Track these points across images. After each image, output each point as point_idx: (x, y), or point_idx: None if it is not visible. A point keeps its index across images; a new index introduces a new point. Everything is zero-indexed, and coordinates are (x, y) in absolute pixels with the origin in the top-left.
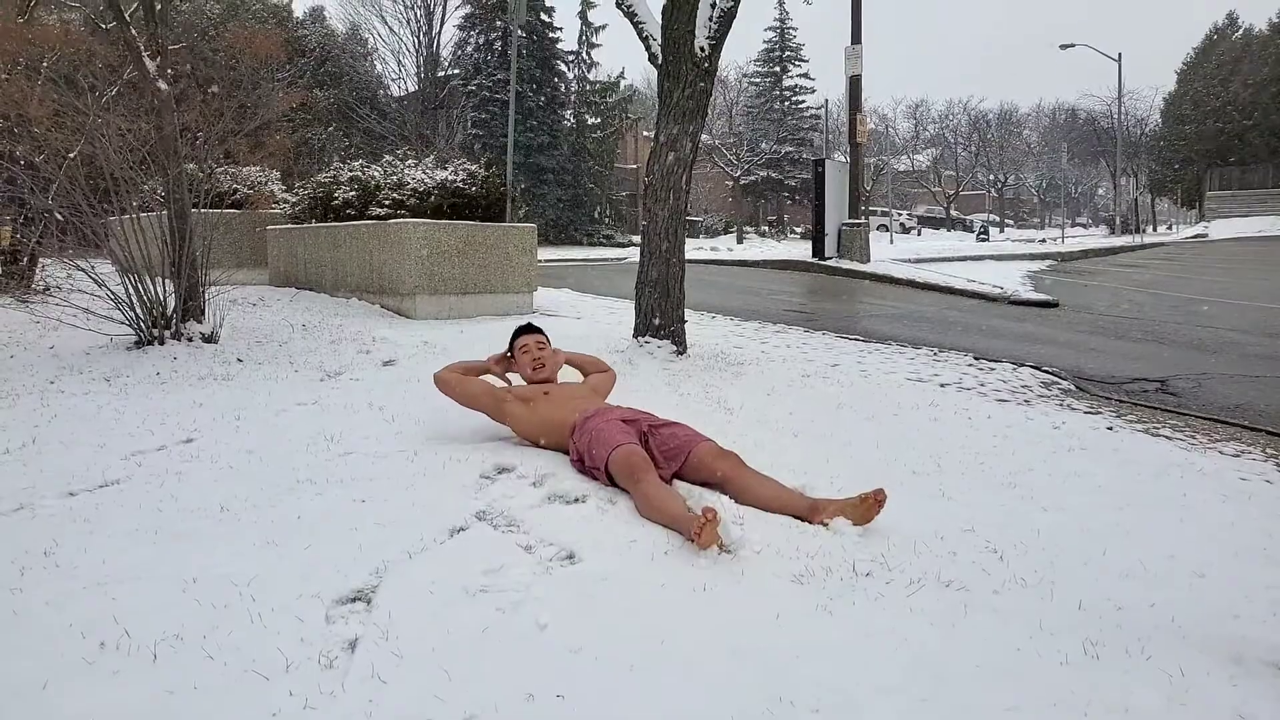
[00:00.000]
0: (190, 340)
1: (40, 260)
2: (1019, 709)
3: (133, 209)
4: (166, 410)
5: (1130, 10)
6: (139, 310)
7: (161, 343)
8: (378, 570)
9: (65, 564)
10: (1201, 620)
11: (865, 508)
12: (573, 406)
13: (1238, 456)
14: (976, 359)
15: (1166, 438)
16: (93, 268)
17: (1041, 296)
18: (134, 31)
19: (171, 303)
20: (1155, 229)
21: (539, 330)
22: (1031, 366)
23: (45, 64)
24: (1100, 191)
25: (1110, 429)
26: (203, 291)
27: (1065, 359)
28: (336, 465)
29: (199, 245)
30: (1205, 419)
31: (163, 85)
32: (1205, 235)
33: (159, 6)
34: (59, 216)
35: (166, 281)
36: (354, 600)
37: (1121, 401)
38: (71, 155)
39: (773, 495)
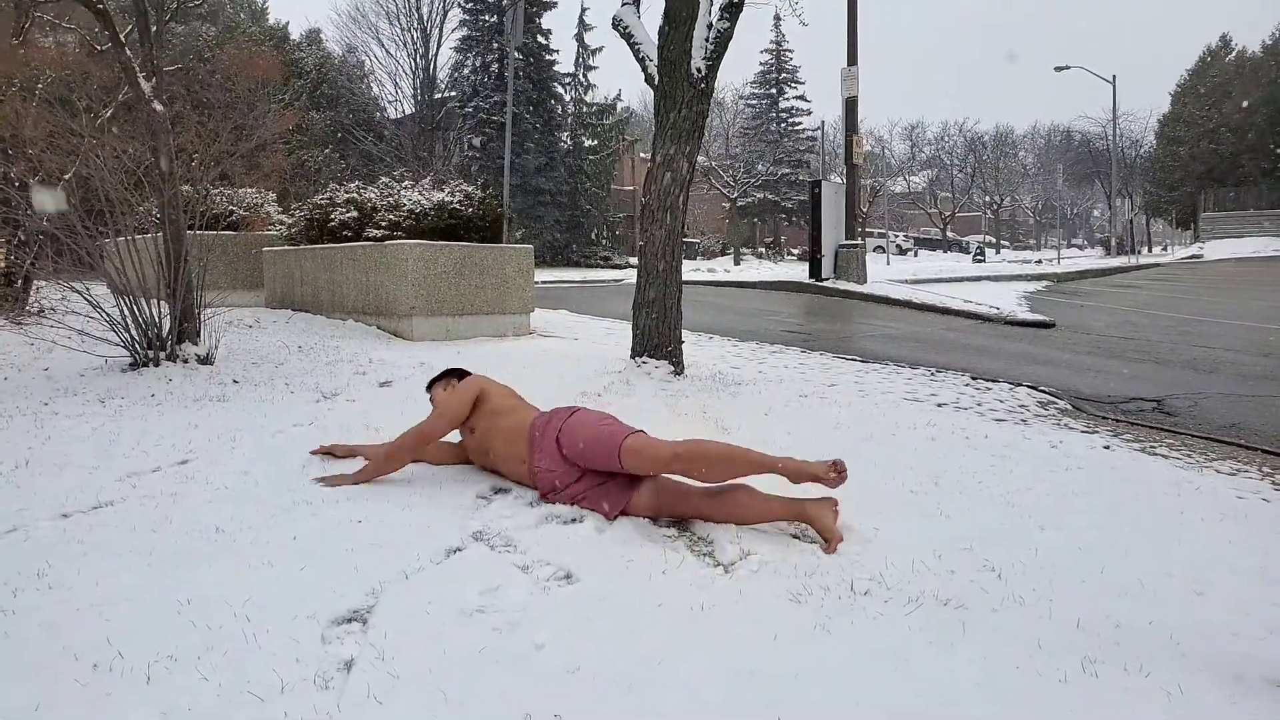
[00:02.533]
0: (186, 362)
1: (35, 282)
2: None
3: (128, 230)
4: (161, 432)
5: (1125, 32)
6: (134, 332)
7: (157, 364)
8: (374, 591)
9: (59, 586)
10: (1200, 638)
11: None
12: (511, 413)
13: (1234, 475)
14: (974, 379)
15: (1163, 456)
16: (87, 289)
17: (1038, 317)
18: (129, 53)
19: (167, 324)
20: (1150, 250)
21: (437, 379)
22: (1028, 386)
23: (40, 85)
24: (1096, 213)
25: (1107, 448)
26: (198, 313)
27: (1062, 379)
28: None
29: (194, 267)
30: (1202, 438)
31: (158, 106)
32: (1200, 256)
33: (154, 28)
34: (56, 235)
35: (162, 303)
36: (350, 621)
37: (1118, 421)
38: (67, 176)
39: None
